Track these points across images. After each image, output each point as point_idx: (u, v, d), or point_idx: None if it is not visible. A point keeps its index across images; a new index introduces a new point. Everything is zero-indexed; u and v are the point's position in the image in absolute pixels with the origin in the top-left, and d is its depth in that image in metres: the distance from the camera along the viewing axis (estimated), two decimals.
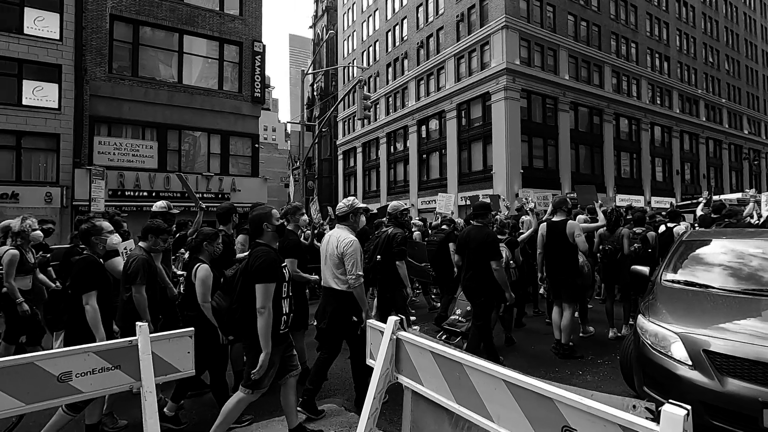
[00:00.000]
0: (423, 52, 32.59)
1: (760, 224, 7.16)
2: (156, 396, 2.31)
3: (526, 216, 7.55)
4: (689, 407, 1.29)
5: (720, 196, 16.02)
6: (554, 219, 5.58)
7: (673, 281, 3.93)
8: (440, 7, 30.93)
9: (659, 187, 33.83)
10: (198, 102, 17.39)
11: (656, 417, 1.34)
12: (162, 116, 16.77)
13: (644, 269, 4.62)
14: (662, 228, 7.24)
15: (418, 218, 14.65)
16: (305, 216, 6.31)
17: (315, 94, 55.27)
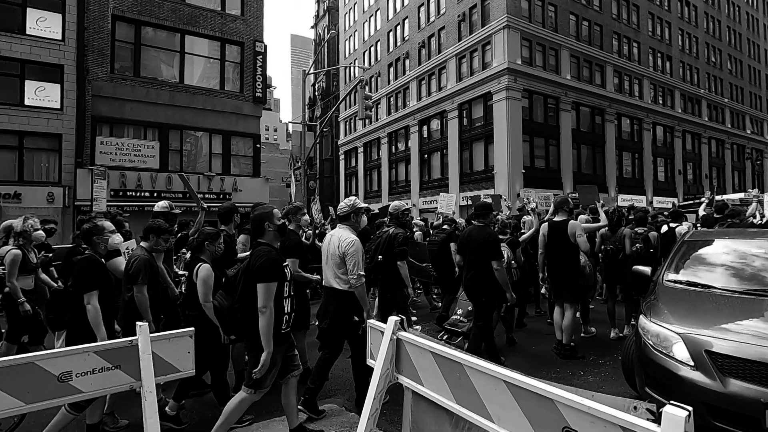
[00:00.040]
0: (424, 52, 32.58)
1: (763, 224, 7.13)
2: (157, 396, 2.31)
3: (528, 216, 7.54)
4: (691, 408, 1.28)
5: (722, 196, 15.98)
6: (556, 219, 5.57)
7: (675, 281, 3.91)
8: (441, 7, 30.91)
9: (661, 187, 33.75)
10: (200, 102, 17.42)
11: (657, 418, 1.34)
12: (164, 116, 16.81)
13: (646, 269, 4.62)
14: (664, 228, 7.21)
15: (420, 218, 14.64)
16: (306, 216, 6.31)
17: (316, 94, 55.29)
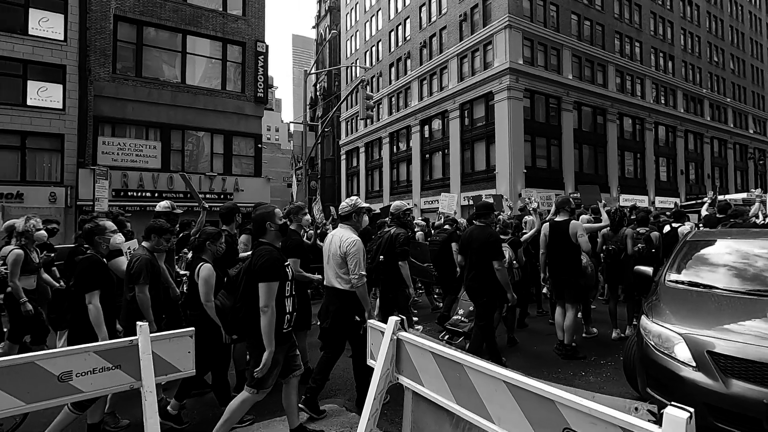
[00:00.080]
0: (426, 52, 32.56)
1: (766, 224, 7.10)
2: (156, 396, 2.31)
3: (529, 216, 7.53)
4: (692, 410, 1.28)
5: (725, 196, 15.93)
6: (557, 219, 5.56)
7: (677, 282, 3.90)
8: (443, 7, 30.89)
9: (663, 187, 33.66)
10: (201, 102, 17.45)
11: (658, 419, 1.33)
12: (165, 116, 16.84)
13: (647, 270, 4.60)
14: (667, 228, 7.19)
15: (421, 218, 14.63)
16: (308, 216, 6.31)
17: (318, 94, 55.31)
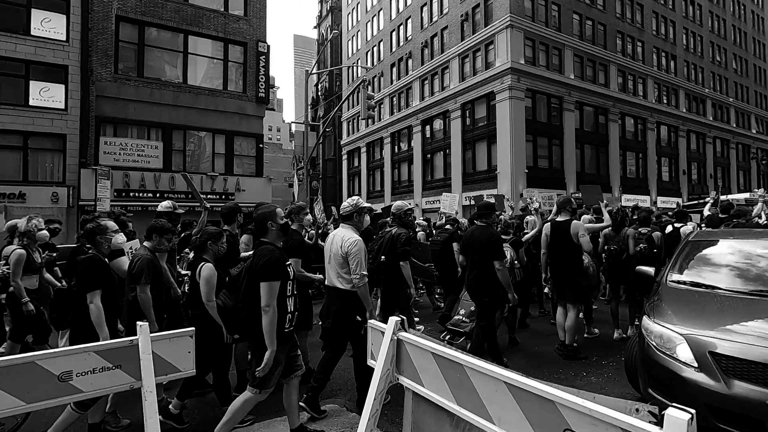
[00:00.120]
0: (427, 52, 32.54)
1: None
2: (156, 396, 2.31)
3: (531, 216, 7.51)
4: (693, 411, 1.27)
5: (728, 196, 15.86)
6: (558, 219, 5.54)
7: (679, 282, 3.88)
8: (444, 7, 30.87)
9: (665, 187, 33.58)
10: (203, 102, 17.47)
11: (659, 421, 1.32)
12: (167, 116, 16.87)
13: (649, 270, 4.58)
14: (669, 228, 7.17)
15: (422, 218, 14.62)
16: (309, 216, 6.31)
17: (319, 94, 55.34)
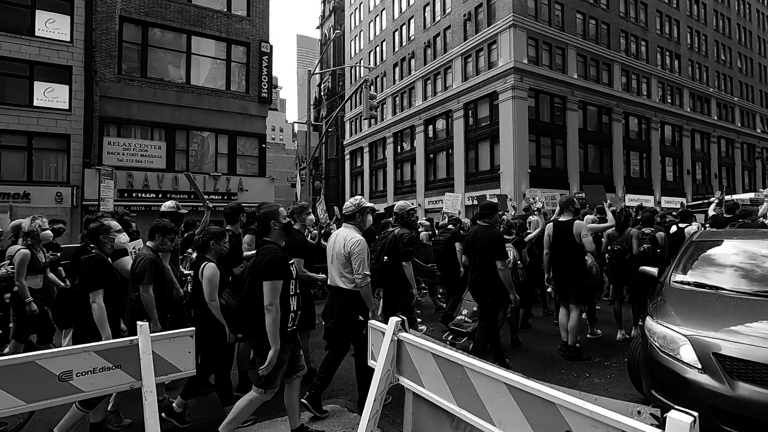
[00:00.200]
0: (430, 52, 32.51)
1: None
2: (156, 396, 2.31)
3: (534, 216, 7.49)
4: (696, 414, 1.25)
5: (732, 196, 15.76)
6: (561, 219, 5.51)
7: (683, 282, 3.85)
8: (447, 7, 30.82)
9: (670, 187, 33.41)
10: (206, 102, 17.52)
11: (662, 423, 1.30)
12: (170, 117, 16.92)
13: (653, 270, 4.55)
14: (673, 228, 7.13)
15: (425, 218, 14.59)
16: (311, 215, 6.31)
17: (322, 94, 55.42)
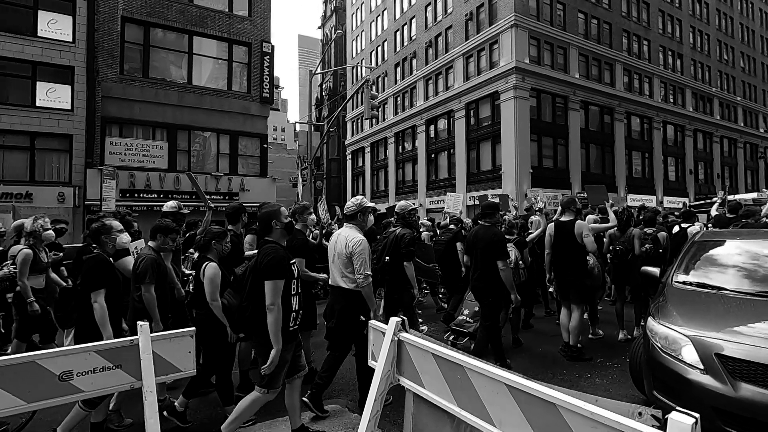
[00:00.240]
0: (431, 52, 32.48)
1: None
2: (156, 395, 2.31)
3: (535, 216, 7.46)
4: (698, 415, 1.24)
5: (735, 196, 15.71)
6: (562, 219, 5.50)
7: (685, 283, 3.84)
8: (449, 6, 30.79)
9: (672, 187, 33.30)
10: (207, 102, 17.54)
11: (663, 425, 1.29)
12: (172, 117, 16.95)
13: (655, 270, 4.54)
14: (676, 228, 7.10)
15: (427, 218, 14.60)
16: (313, 215, 6.31)
17: (324, 94, 55.46)
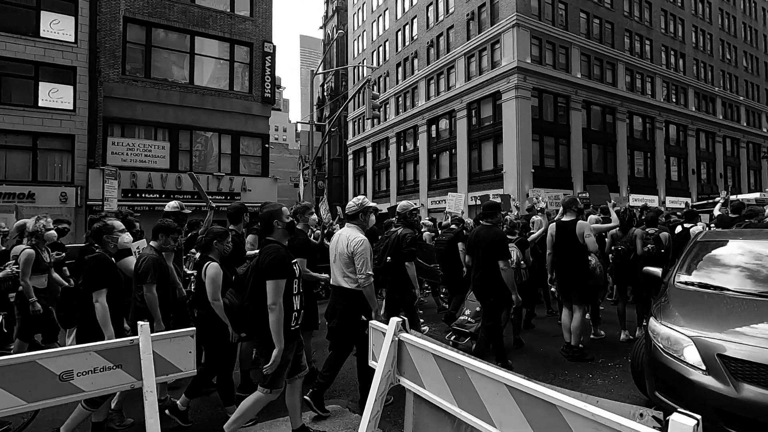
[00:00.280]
0: (433, 52, 32.45)
1: None
2: (157, 395, 2.31)
3: (537, 216, 7.45)
4: (699, 417, 1.23)
5: (738, 196, 15.64)
6: (564, 219, 5.49)
7: (687, 283, 3.82)
8: (450, 6, 30.76)
9: (674, 187, 33.20)
10: (209, 103, 17.56)
11: (664, 426, 1.29)
12: (174, 117, 16.98)
13: (657, 270, 4.52)
14: (679, 228, 7.08)
15: (428, 218, 14.58)
16: (314, 215, 6.30)
17: (325, 94, 55.47)
